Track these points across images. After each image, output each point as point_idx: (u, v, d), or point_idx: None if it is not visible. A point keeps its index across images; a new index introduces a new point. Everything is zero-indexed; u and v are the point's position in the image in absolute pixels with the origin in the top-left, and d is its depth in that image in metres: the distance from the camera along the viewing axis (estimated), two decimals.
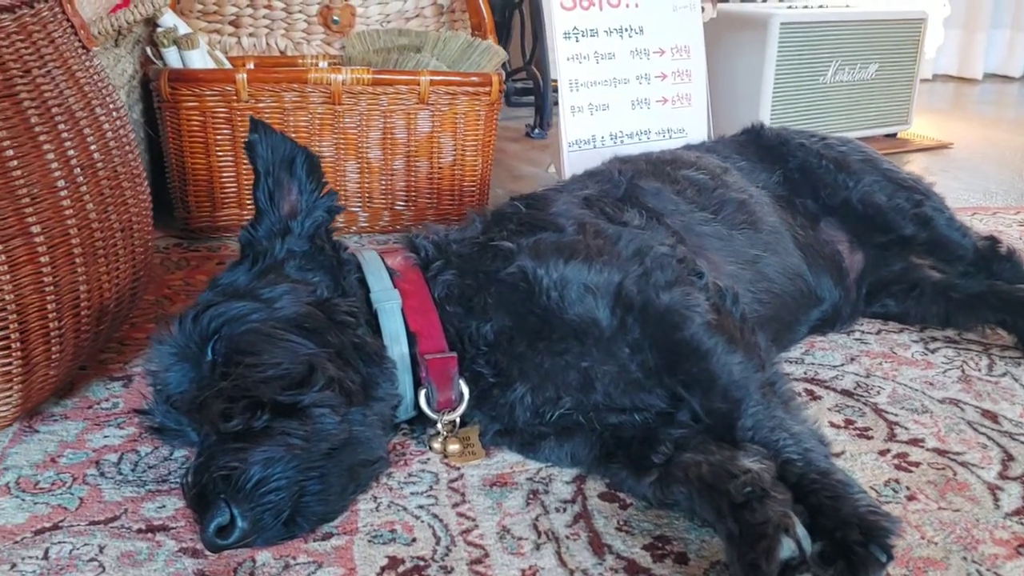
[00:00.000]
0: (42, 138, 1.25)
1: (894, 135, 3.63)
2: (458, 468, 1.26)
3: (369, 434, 1.14)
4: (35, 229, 1.23)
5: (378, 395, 1.19)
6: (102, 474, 1.23)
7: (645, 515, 1.16)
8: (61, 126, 1.29)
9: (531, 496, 1.19)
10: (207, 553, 1.06)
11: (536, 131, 3.41)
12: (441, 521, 1.14)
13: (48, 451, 1.28)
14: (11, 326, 1.21)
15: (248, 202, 2.17)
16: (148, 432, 1.26)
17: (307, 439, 1.05)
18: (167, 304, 1.80)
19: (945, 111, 4.53)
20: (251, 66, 2.27)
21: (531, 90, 3.52)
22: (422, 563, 1.06)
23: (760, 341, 1.22)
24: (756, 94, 3.07)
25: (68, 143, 1.30)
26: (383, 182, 2.20)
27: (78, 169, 1.31)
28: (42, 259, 1.24)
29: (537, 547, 1.09)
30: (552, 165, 2.88)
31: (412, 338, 1.26)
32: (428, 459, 1.28)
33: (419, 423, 1.34)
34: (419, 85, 2.11)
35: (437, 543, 1.10)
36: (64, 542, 1.09)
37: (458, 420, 1.28)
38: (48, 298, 1.25)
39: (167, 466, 1.25)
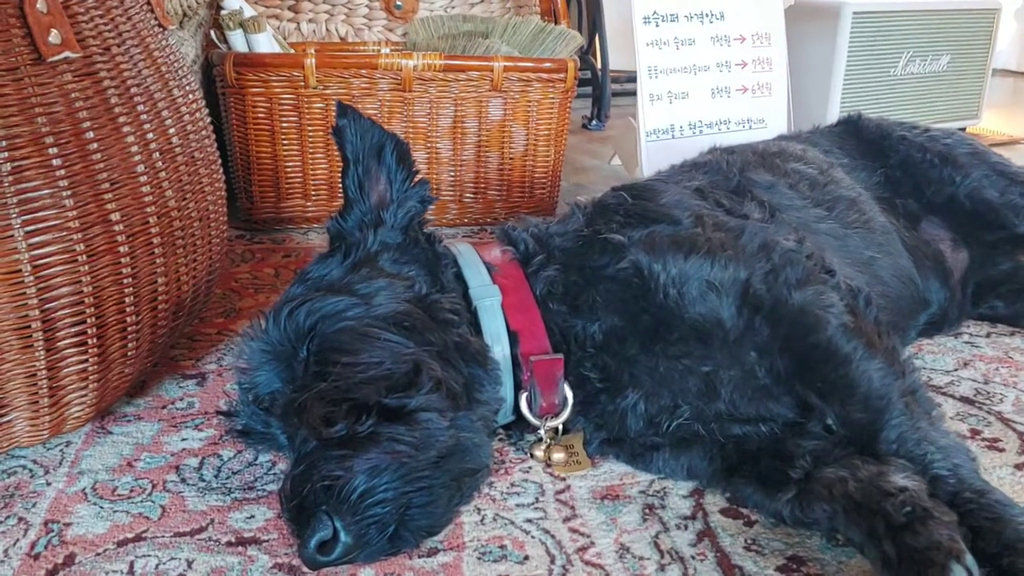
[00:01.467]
0: (121, 120, 1.17)
1: (963, 130, 3.48)
2: (563, 478, 1.16)
3: (477, 440, 1.04)
4: (114, 217, 1.15)
5: (482, 398, 1.10)
6: (183, 480, 1.14)
7: (774, 533, 1.06)
8: (140, 107, 1.21)
9: (647, 511, 1.10)
10: (305, 570, 0.97)
11: (594, 123, 3.31)
12: (553, 537, 1.05)
13: (124, 454, 1.20)
14: (89, 320, 1.13)
15: (314, 193, 2.09)
16: (232, 435, 1.18)
17: (415, 446, 0.96)
18: (235, 298, 1.72)
19: (1009, 106, 4.38)
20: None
21: (588, 80, 3.42)
22: None
23: (897, 346, 1.11)
24: (826, 85, 2.95)
25: (147, 125, 1.21)
26: (452, 173, 2.12)
27: (157, 153, 1.23)
28: (121, 249, 1.16)
29: (662, 568, 1.00)
30: (615, 157, 2.78)
31: (513, 338, 1.16)
32: (529, 468, 1.19)
33: (516, 429, 1.24)
34: (492, 71, 2.02)
35: (552, 562, 1.00)
36: (149, 555, 1.00)
37: (560, 427, 1.19)
38: (126, 291, 1.17)
39: (252, 472, 1.17)
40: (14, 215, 1.05)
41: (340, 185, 1.22)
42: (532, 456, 1.20)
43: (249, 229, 2.10)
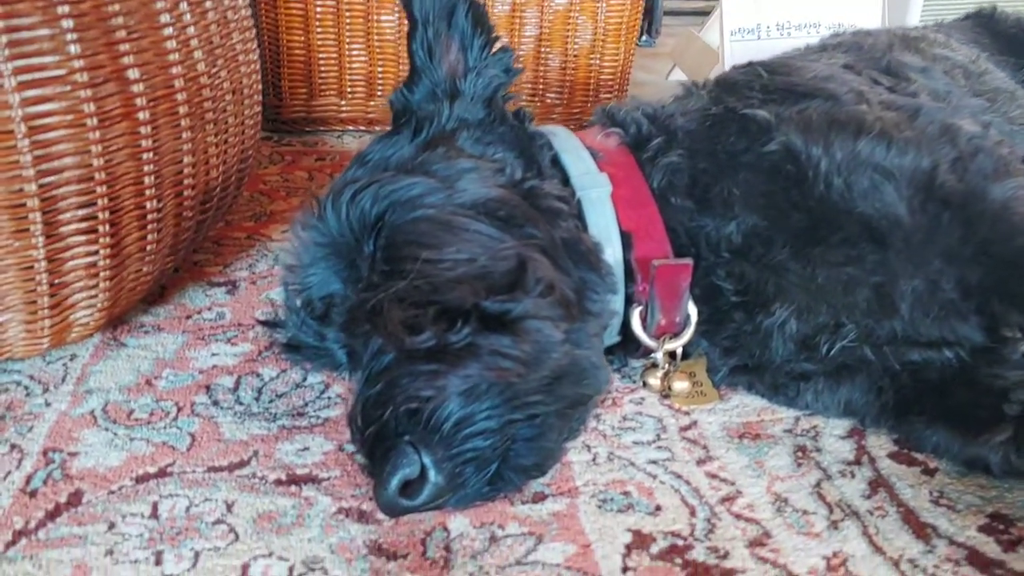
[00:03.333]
0: None
1: None
2: (686, 412, 0.94)
3: (595, 360, 0.82)
4: (133, 74, 0.91)
5: (594, 310, 0.87)
6: (215, 403, 0.92)
7: (963, 485, 0.84)
8: None
9: (799, 454, 0.87)
10: (381, 517, 0.75)
11: (644, 38, 3.04)
12: (688, 483, 0.82)
13: (141, 370, 0.97)
14: (99, 201, 0.89)
15: (350, 90, 1.84)
16: (275, 350, 0.95)
17: (524, 363, 0.73)
18: (265, 201, 1.48)
19: None
20: None
21: None
22: (681, 542, 0.75)
23: None
24: None
25: None
26: None
27: (184, 3, 0.99)
28: (141, 115, 0.92)
29: (834, 525, 0.78)
30: (674, 71, 2.52)
31: (625, 240, 0.93)
32: (642, 399, 0.96)
33: (620, 353, 1.01)
34: None
35: (692, 514, 0.78)
36: (177, 494, 0.78)
37: (680, 351, 0.96)
38: (146, 167, 0.94)
39: (301, 395, 0.94)
40: (1, 57, 0.80)
41: (380, 82, 0.98)
42: (645, 385, 0.98)
43: (276, 130, 1.85)
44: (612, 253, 0.92)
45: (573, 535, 0.75)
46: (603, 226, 0.92)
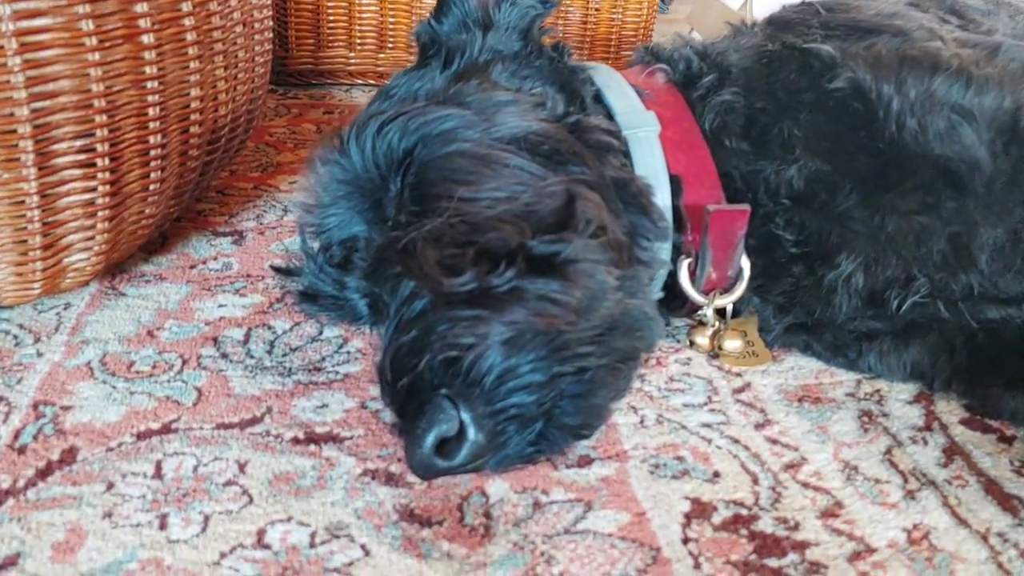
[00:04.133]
0: None
1: None
2: (738, 374, 0.86)
3: (648, 311, 0.74)
4: None
5: (644, 258, 0.79)
6: (224, 355, 0.84)
7: None
8: None
9: (864, 419, 0.80)
10: (412, 480, 0.67)
11: (660, 4, 2.94)
12: (748, 449, 0.74)
13: (142, 321, 0.89)
14: (99, 132, 0.81)
15: (359, 42, 1.75)
16: (291, 299, 0.87)
17: (575, 310, 0.65)
18: (271, 152, 1.39)
19: None
20: None
21: None
22: (745, 511, 0.67)
23: None
24: None
25: None
26: None
27: None
28: (144, 38, 0.84)
29: (911, 495, 0.70)
30: (692, 35, 2.43)
31: (675, 185, 0.85)
32: (689, 359, 0.88)
33: (662, 309, 0.93)
34: None
35: (755, 482, 0.71)
36: (184, 452, 0.70)
37: (729, 308, 0.88)
38: (150, 98, 0.85)
39: (318, 349, 0.86)
40: None
41: (391, 34, 0.89)
42: (692, 344, 0.90)
43: (282, 83, 1.76)
44: (661, 199, 0.84)
45: (625, 502, 0.67)
46: (651, 169, 0.84)
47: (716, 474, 0.71)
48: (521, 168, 0.75)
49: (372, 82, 1.77)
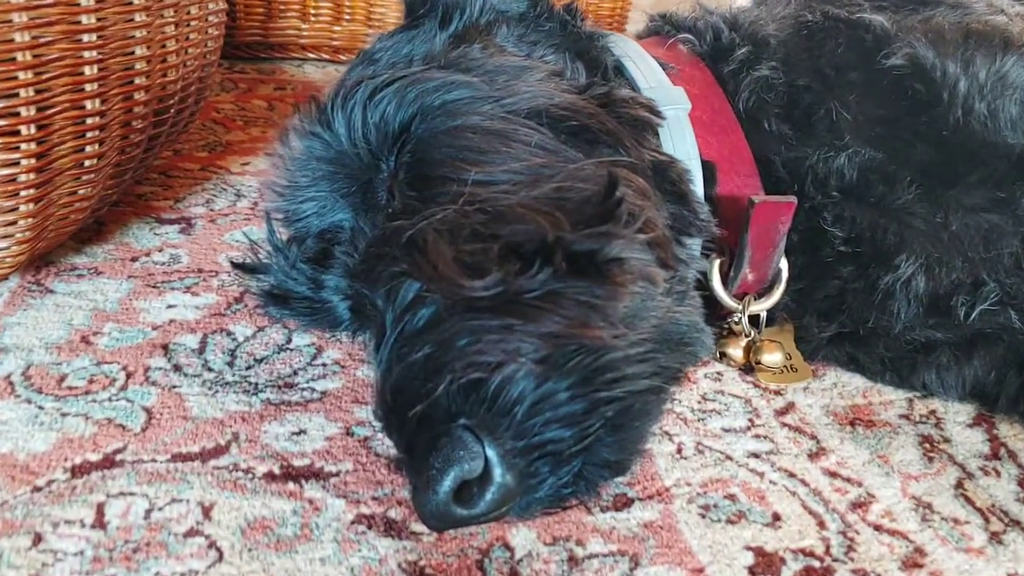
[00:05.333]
0: None
1: None
2: (778, 392, 0.75)
3: (697, 321, 0.62)
4: None
5: (682, 256, 0.67)
6: (176, 368, 0.70)
7: None
8: None
9: (925, 446, 0.70)
10: (418, 529, 0.55)
11: None
12: (806, 485, 0.63)
13: (75, 324, 0.74)
14: (23, 93, 0.66)
15: (313, 13, 1.60)
16: (254, 302, 0.73)
17: (623, 321, 0.53)
18: (220, 131, 1.24)
19: None
20: None
21: None
22: (817, 563, 0.56)
23: None
24: None
25: None
26: None
27: None
28: None
29: (996, 538, 0.60)
30: None
31: (707, 172, 0.73)
32: (719, 374, 0.77)
33: None
34: None
35: (822, 526, 0.60)
36: (131, 493, 0.56)
37: (764, 315, 0.77)
38: (87, 54, 0.70)
39: (288, 360, 0.72)
40: None
41: (348, 4, 0.76)
42: (722, 357, 0.78)
43: (228, 56, 1.60)
44: (696, 188, 0.72)
45: (678, 555, 0.56)
46: (682, 154, 0.72)
47: (776, 517, 0.60)
48: (544, 147, 0.63)
49: (327, 57, 1.63)
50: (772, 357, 0.75)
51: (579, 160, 0.62)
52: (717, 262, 0.75)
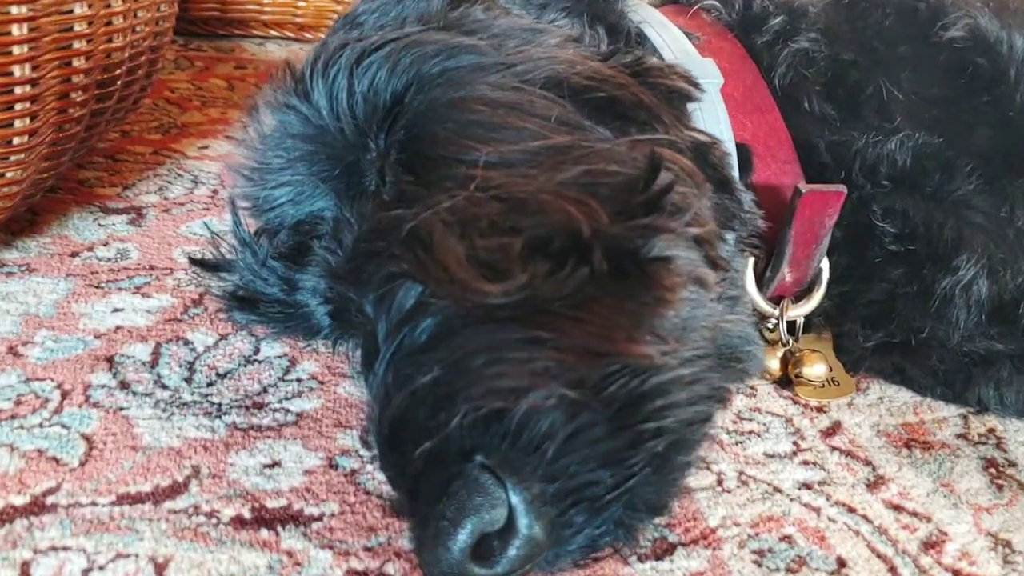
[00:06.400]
0: None
1: None
2: (820, 408, 0.65)
3: (749, 332, 0.53)
4: None
5: (724, 254, 0.57)
6: (124, 386, 0.59)
7: None
8: None
9: (991, 471, 0.61)
10: None
11: None
12: (869, 521, 0.55)
13: (1, 332, 0.62)
14: None
15: None
16: (216, 305, 0.62)
17: (672, 335, 0.43)
18: (174, 112, 1.12)
19: None
20: None
21: None
22: None
23: None
24: None
25: None
26: None
27: None
28: None
29: None
30: None
31: (742, 156, 0.64)
32: (753, 389, 0.68)
33: None
34: None
35: (893, 572, 0.50)
36: (65, 548, 0.46)
37: (801, 320, 0.67)
38: (14, 9, 0.58)
39: (256, 375, 0.62)
40: None
41: None
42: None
43: (183, 32, 1.48)
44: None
45: None
46: (715, 135, 0.62)
47: (841, 562, 0.51)
48: (566, 122, 0.53)
49: (291, 34, 1.51)
50: (815, 369, 0.66)
51: (608, 138, 0.52)
52: (751, 260, 0.65)
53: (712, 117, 0.64)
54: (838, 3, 0.70)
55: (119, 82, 0.74)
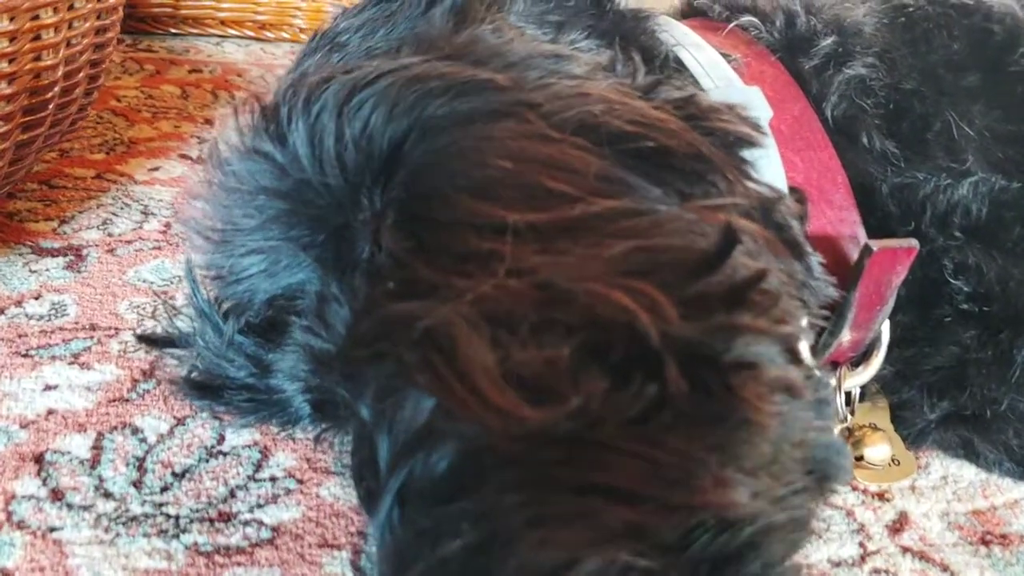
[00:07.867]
0: None
1: None
2: (881, 495, 0.56)
3: (837, 443, 0.43)
4: None
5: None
6: (56, 496, 0.48)
7: None
8: None
9: None
10: None
11: None
12: None
13: None
14: None
15: None
16: (172, 388, 0.51)
17: (764, 467, 0.34)
18: (120, 125, 1.00)
19: None
20: None
21: None
22: None
23: None
24: None
25: None
26: None
27: None
28: None
29: None
30: None
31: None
32: None
33: None
34: None
35: None
36: None
37: (857, 390, 0.58)
38: None
39: (222, 473, 0.51)
40: None
41: None
42: None
43: (130, 30, 1.35)
44: None
45: None
46: (767, 176, 0.53)
47: None
48: (608, 179, 0.43)
49: (251, 33, 1.39)
50: (878, 451, 0.57)
51: (661, 199, 0.42)
52: (805, 320, 0.55)
53: (764, 159, 0.54)
54: (894, 22, 0.60)
55: (51, 106, 0.62)
